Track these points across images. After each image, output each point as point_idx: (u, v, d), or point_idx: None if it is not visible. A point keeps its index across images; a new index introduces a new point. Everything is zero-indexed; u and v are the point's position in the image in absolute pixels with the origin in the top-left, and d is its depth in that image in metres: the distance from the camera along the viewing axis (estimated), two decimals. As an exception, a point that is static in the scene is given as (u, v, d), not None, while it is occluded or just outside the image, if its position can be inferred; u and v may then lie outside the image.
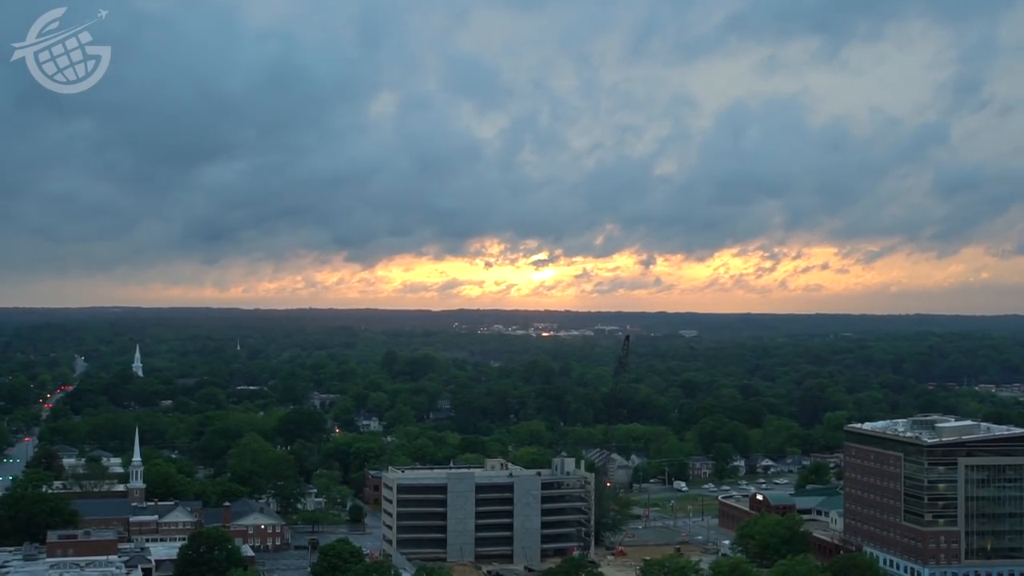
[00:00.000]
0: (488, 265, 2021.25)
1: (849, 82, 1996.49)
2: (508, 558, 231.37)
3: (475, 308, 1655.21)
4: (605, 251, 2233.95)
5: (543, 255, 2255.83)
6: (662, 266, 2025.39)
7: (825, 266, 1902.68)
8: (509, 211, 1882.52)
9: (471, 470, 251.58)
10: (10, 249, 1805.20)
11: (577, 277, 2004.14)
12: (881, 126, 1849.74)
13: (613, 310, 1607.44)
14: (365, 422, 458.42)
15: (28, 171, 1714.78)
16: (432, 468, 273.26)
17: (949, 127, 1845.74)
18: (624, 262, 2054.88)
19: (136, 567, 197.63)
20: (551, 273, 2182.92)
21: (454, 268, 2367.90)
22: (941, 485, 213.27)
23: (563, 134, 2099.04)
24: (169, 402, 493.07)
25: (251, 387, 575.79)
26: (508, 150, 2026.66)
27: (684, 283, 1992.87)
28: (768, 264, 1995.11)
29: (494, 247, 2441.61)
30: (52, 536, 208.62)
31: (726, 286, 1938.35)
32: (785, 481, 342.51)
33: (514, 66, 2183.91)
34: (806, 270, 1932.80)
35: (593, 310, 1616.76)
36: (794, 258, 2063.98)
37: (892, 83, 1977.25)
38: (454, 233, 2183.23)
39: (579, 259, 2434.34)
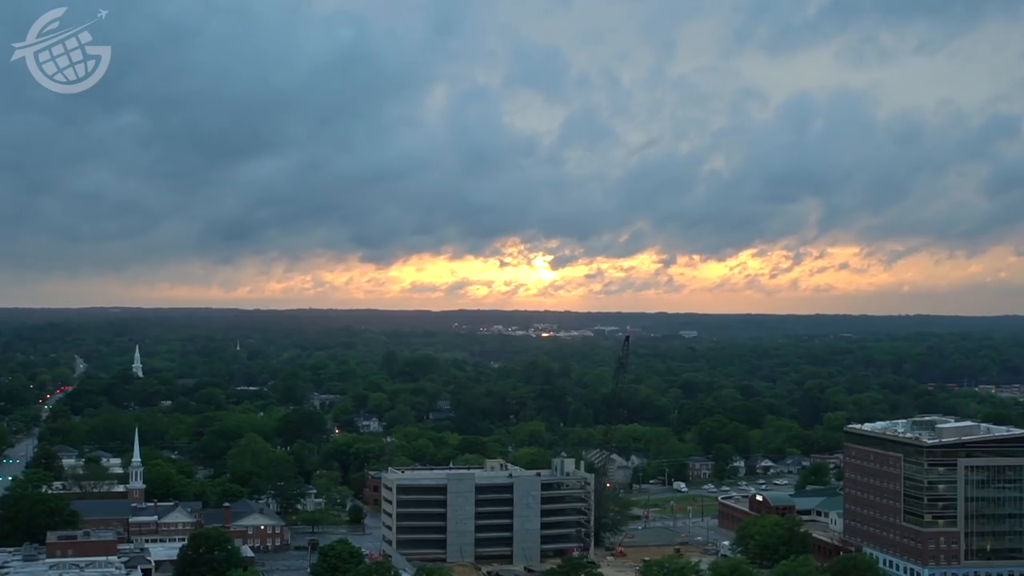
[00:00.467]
0: (503, 265, 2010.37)
1: (938, 71, 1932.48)
2: (508, 559, 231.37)
3: (475, 309, 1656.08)
4: (627, 251, 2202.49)
5: (562, 254, 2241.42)
6: (680, 266, 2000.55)
7: (844, 266, 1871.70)
8: (541, 209, 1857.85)
9: (471, 471, 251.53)
10: (26, 248, 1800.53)
11: (587, 277, 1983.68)
12: (948, 119, 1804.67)
13: (613, 311, 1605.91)
14: (365, 423, 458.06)
15: (61, 167, 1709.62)
16: (432, 469, 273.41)
17: (1020, 120, 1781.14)
18: (642, 262, 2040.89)
19: (136, 568, 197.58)
20: (561, 274, 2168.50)
21: (467, 268, 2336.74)
22: (941, 486, 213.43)
23: (620, 128, 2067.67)
24: (169, 402, 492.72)
25: (251, 387, 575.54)
26: (558, 145, 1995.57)
27: (695, 284, 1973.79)
28: (786, 264, 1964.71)
29: (514, 246, 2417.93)
30: (52, 537, 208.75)
31: (737, 286, 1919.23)
32: (785, 482, 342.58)
33: (590, 56, 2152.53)
34: (822, 270, 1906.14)
35: (594, 311, 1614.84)
36: (816, 258, 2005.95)
37: (980, 73, 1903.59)
38: (479, 232, 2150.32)
39: (599, 259, 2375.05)
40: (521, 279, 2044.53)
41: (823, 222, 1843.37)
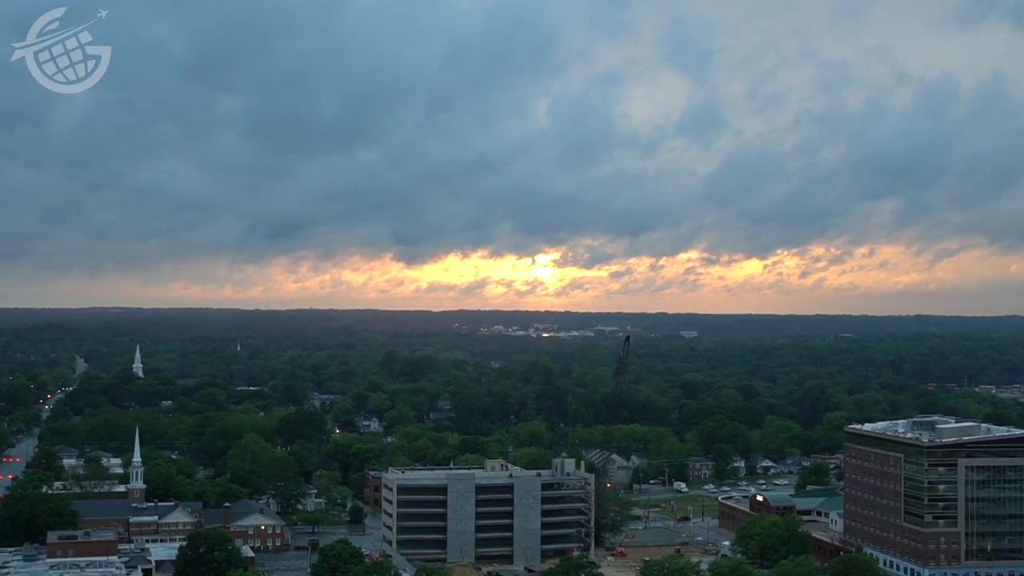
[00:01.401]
0: (533, 263, 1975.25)
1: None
2: (508, 559, 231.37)
3: (475, 309, 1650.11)
4: (673, 249, 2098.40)
5: (603, 252, 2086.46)
6: (720, 265, 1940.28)
7: (884, 264, 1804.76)
8: (608, 205, 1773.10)
9: (471, 471, 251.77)
10: (56, 247, 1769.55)
11: (612, 276, 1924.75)
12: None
13: (614, 311, 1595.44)
14: (365, 423, 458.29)
15: (131, 160, 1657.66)
16: (432, 469, 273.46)
17: None
18: (679, 260, 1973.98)
19: (136, 568, 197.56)
20: (584, 273, 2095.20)
21: (498, 267, 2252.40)
22: (941, 486, 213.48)
23: (739, 115, 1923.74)
24: (169, 402, 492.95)
25: (251, 387, 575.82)
26: (666, 135, 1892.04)
27: (717, 283, 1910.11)
28: (822, 263, 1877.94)
29: (555, 244, 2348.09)
30: (52, 537, 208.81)
31: (760, 286, 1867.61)
32: (785, 482, 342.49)
33: (757, 32, 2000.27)
34: (860, 269, 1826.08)
35: (594, 311, 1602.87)
36: (864, 256, 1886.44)
37: None
38: (532, 229, 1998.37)
39: (639, 258, 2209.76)
40: (544, 278, 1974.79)
41: (899, 218, 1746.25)
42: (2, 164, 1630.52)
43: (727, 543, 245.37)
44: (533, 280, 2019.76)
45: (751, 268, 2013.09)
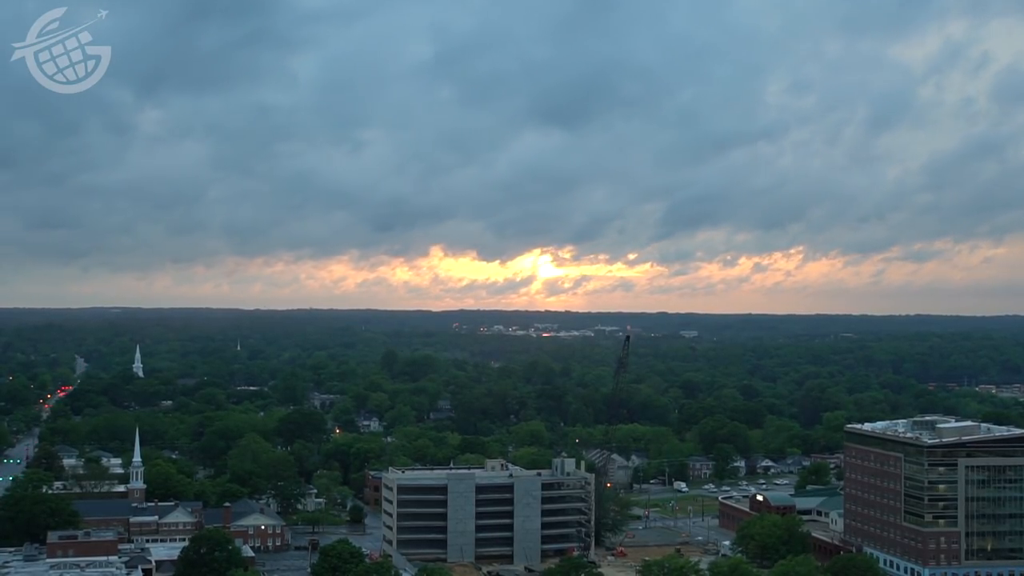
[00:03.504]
0: (610, 262, 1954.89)
1: None
2: (508, 559, 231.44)
3: (475, 308, 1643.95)
4: (783, 245, 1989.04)
5: (704, 249, 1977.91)
6: (795, 263, 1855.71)
7: (987, 261, 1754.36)
8: (797, 196, 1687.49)
9: (471, 471, 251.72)
10: (132, 245, 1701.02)
11: (673, 275, 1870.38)
12: None
13: (615, 311, 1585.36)
14: (365, 422, 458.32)
15: (332, 137, 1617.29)
16: (432, 469, 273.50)
17: None
18: (754, 261, 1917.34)
19: (136, 568, 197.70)
20: (645, 271, 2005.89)
21: (554, 266, 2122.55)
22: (941, 486, 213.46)
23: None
24: (169, 402, 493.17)
25: (251, 387, 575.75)
26: (952, 109, 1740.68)
27: (768, 281, 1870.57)
28: (903, 261, 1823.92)
29: (657, 240, 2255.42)
30: (52, 537, 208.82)
31: (812, 284, 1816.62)
32: (785, 482, 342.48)
33: None
34: (942, 267, 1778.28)
35: (593, 311, 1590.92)
36: (965, 253, 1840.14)
37: None
38: (662, 223, 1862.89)
39: (729, 254, 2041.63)
40: (597, 276, 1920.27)
41: None
42: (174, 143, 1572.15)
43: (727, 543, 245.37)
44: (579, 277, 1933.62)
45: (827, 267, 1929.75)
